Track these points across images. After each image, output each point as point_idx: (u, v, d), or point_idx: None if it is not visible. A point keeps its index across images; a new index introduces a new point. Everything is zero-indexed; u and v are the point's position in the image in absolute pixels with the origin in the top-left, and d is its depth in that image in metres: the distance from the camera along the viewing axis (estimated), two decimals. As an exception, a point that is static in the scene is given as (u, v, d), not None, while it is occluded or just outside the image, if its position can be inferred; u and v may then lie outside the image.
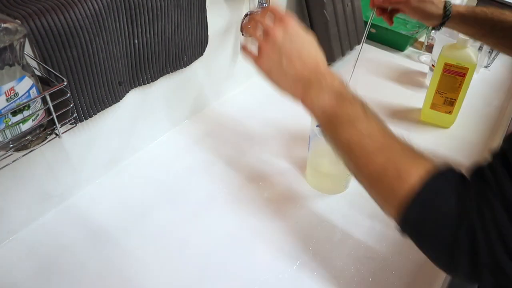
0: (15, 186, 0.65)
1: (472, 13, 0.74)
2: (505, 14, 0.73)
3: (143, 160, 0.85)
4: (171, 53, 0.79)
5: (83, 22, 0.59)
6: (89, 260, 0.66)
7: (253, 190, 0.79)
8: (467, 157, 0.89)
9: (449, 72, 0.89)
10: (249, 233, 0.72)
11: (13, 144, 0.53)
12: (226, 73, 1.01)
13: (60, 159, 0.71)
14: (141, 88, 0.79)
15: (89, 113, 0.69)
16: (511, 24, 0.72)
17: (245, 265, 0.67)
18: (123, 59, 0.71)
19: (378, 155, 0.47)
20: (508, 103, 1.07)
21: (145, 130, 0.86)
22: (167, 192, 0.78)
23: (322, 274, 0.66)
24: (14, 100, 0.49)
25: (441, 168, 0.45)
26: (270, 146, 0.90)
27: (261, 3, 0.92)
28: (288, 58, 0.54)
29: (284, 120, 0.97)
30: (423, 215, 0.42)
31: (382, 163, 0.46)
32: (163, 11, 0.72)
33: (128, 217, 0.73)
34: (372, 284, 0.65)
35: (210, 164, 0.85)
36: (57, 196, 0.73)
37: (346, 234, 0.72)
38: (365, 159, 0.48)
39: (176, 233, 0.71)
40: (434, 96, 0.94)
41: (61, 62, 0.60)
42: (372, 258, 0.68)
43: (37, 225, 0.71)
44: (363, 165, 0.48)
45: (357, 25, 1.21)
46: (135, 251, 0.68)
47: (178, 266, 0.66)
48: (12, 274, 0.64)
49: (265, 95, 1.06)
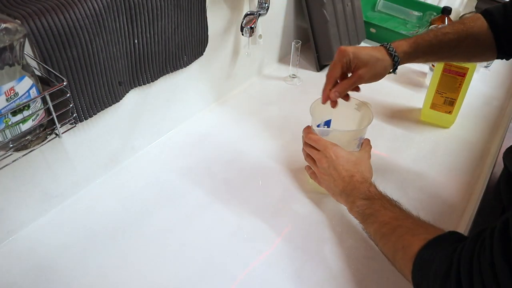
0: (15, 186, 0.65)
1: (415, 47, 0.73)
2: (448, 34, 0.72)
3: (143, 160, 0.85)
4: (171, 53, 0.79)
5: (83, 22, 0.59)
6: (89, 260, 0.66)
7: (253, 190, 0.79)
8: (467, 157, 0.89)
9: (449, 72, 0.89)
10: (248, 233, 0.72)
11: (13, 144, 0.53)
12: (226, 73, 1.01)
13: (60, 159, 0.71)
14: (141, 88, 0.79)
15: (89, 113, 0.69)
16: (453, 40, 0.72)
17: (244, 265, 0.67)
18: (123, 59, 0.71)
19: (391, 237, 0.58)
20: (508, 103, 1.07)
21: (145, 130, 0.86)
22: (167, 192, 0.78)
23: (322, 274, 0.66)
24: (14, 100, 0.49)
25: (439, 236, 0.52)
26: (270, 146, 0.90)
27: (261, 3, 0.93)
28: (332, 178, 0.70)
29: (284, 120, 0.97)
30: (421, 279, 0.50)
31: (394, 242, 0.57)
32: (163, 11, 0.72)
33: (128, 217, 0.73)
34: (372, 284, 0.65)
35: (210, 164, 0.85)
36: (57, 196, 0.73)
37: (346, 234, 0.72)
38: (383, 241, 0.60)
39: (175, 233, 0.71)
40: (434, 96, 0.94)
41: (61, 62, 0.60)
42: (372, 258, 0.68)
43: (37, 225, 0.71)
44: (383, 246, 0.60)
45: (357, 25, 1.21)
46: (135, 251, 0.68)
47: (177, 266, 0.66)
48: (12, 274, 0.64)
49: (265, 95, 1.06)
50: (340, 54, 0.71)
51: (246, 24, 0.89)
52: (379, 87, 1.09)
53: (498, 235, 0.41)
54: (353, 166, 0.70)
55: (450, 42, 0.72)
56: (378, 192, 0.67)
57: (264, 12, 0.92)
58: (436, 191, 0.80)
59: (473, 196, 0.80)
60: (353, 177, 0.69)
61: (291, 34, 1.19)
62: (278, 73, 1.15)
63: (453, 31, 0.72)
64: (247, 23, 0.90)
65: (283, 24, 1.13)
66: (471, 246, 0.45)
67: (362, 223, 0.66)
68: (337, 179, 0.70)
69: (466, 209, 0.77)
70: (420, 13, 1.36)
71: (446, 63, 0.88)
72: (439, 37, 0.72)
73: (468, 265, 0.43)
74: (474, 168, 0.86)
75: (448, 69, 0.89)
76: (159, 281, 0.64)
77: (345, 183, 0.69)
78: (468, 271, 0.43)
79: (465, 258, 0.44)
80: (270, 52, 1.14)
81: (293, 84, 1.11)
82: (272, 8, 0.95)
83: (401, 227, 0.58)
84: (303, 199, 0.78)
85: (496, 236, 0.41)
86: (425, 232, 0.54)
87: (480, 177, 0.84)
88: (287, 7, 1.11)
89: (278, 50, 1.17)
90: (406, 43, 0.73)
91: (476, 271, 0.42)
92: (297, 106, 1.01)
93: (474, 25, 0.72)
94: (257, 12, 0.91)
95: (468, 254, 0.44)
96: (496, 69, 1.20)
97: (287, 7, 1.11)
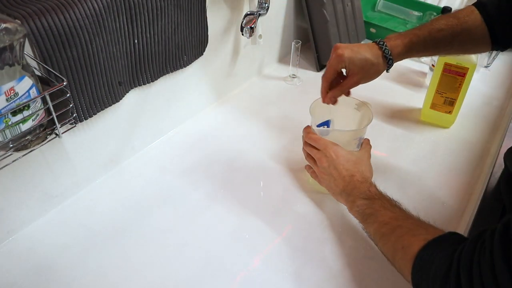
0: (15, 186, 0.65)
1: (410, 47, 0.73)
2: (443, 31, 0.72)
3: (143, 160, 0.85)
4: (171, 53, 0.79)
5: (83, 22, 0.59)
6: (88, 260, 0.66)
7: (253, 190, 0.79)
8: (467, 157, 0.89)
9: (449, 72, 0.89)
10: (249, 233, 0.72)
11: (13, 144, 0.53)
12: (226, 73, 1.01)
13: (60, 159, 0.71)
14: (141, 88, 0.79)
15: (89, 113, 0.69)
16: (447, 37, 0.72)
17: (245, 265, 0.67)
18: (123, 59, 0.71)
19: (391, 237, 0.58)
20: (508, 103, 1.07)
21: (145, 130, 0.86)
22: (167, 192, 0.78)
23: (322, 274, 0.66)
24: (14, 100, 0.49)
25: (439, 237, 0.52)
26: (270, 146, 0.90)
27: (261, 3, 0.93)
28: (333, 177, 0.71)
29: (284, 120, 0.97)
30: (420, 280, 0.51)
31: (393, 242, 0.57)
32: (163, 11, 0.72)
33: (127, 217, 0.73)
34: (372, 284, 0.65)
35: (210, 164, 0.85)
36: (57, 196, 0.73)
37: (346, 234, 0.72)
38: (383, 241, 0.60)
39: (175, 233, 0.71)
40: (434, 96, 0.94)
41: (61, 62, 0.60)
42: (372, 258, 0.68)
43: (37, 225, 0.71)
44: (383, 246, 0.60)
45: (357, 25, 1.22)
46: (135, 251, 0.68)
47: (177, 266, 0.66)
48: (12, 274, 0.64)
49: (265, 95, 1.06)
50: (336, 59, 0.72)
51: (246, 24, 0.89)
52: (379, 87, 1.09)
53: (498, 237, 0.41)
54: (353, 165, 0.70)
55: (444, 38, 0.72)
56: (378, 192, 0.67)
57: (264, 12, 0.92)
58: (436, 191, 0.80)
59: (473, 196, 0.80)
60: (353, 176, 0.69)
61: (291, 34, 1.19)
62: (278, 73, 1.15)
63: (447, 27, 0.72)
64: (247, 23, 0.90)
65: (283, 24, 1.13)
66: (471, 247, 0.45)
67: (362, 222, 0.66)
68: (337, 178, 0.70)
69: (466, 209, 0.77)
70: (420, 13, 1.36)
71: (446, 63, 0.88)
72: (433, 34, 0.72)
73: (468, 266, 0.43)
74: (474, 168, 0.86)
75: (448, 69, 0.89)
76: (159, 281, 0.64)
77: (345, 182, 0.69)
78: (467, 272, 0.43)
79: (465, 259, 0.44)
80: (270, 52, 1.14)
81: (293, 84, 1.11)
82: (272, 8, 0.95)
83: (401, 227, 0.58)
84: (303, 199, 0.78)
85: (496, 238, 0.41)
86: (425, 233, 0.54)
87: (480, 177, 0.84)
88: (287, 7, 1.11)
89: (278, 50, 1.17)
90: (401, 44, 0.73)
91: (476, 273, 0.42)
92: (297, 106, 1.01)
93: (468, 19, 0.72)
94: (257, 12, 0.91)
95: (468, 255, 0.44)
96: (496, 69, 1.20)
97: (287, 7, 1.11)
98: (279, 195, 0.79)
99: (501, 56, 1.24)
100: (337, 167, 0.70)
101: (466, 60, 0.86)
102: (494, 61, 1.22)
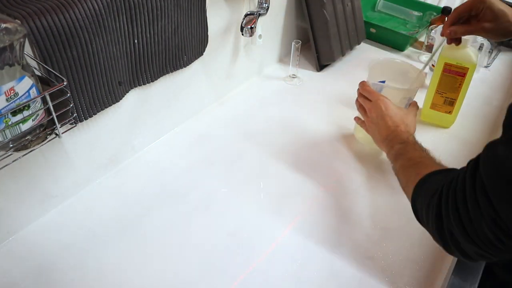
0: (15, 186, 0.65)
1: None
2: None
3: (143, 160, 0.85)
4: (171, 53, 0.79)
5: (83, 22, 0.59)
6: (88, 260, 0.66)
7: (253, 190, 0.79)
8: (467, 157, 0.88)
9: (449, 72, 0.89)
10: (248, 233, 0.72)
11: (13, 144, 0.53)
12: (226, 73, 1.01)
13: (60, 159, 0.71)
14: (141, 88, 0.79)
15: (89, 113, 0.69)
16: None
17: (245, 265, 0.67)
18: (123, 59, 0.71)
19: (410, 168, 0.64)
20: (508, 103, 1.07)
21: (145, 130, 0.86)
22: (167, 192, 0.78)
23: (322, 274, 0.66)
24: (14, 100, 0.49)
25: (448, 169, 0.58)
26: (270, 146, 0.90)
27: (261, 3, 0.93)
28: (378, 126, 0.77)
29: (284, 120, 0.97)
30: (417, 196, 0.58)
31: (410, 172, 0.63)
32: (163, 11, 0.72)
33: (127, 217, 0.73)
34: (372, 284, 0.65)
35: (210, 164, 0.85)
36: (57, 196, 0.73)
37: (346, 234, 0.72)
38: (403, 172, 0.67)
39: (176, 233, 0.71)
40: (434, 96, 0.94)
41: (61, 62, 0.60)
42: (372, 258, 0.68)
43: (37, 225, 0.71)
44: (402, 175, 0.67)
45: (357, 25, 1.21)
46: (135, 251, 0.68)
47: (177, 266, 0.66)
48: (12, 274, 0.64)
49: (265, 94, 1.06)
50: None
51: (246, 24, 0.89)
52: (379, 87, 1.09)
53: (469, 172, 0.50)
54: (400, 119, 0.76)
55: None
56: (415, 140, 0.72)
57: (264, 12, 0.92)
58: (436, 191, 0.80)
59: (473, 196, 0.80)
60: (398, 127, 0.74)
61: (291, 34, 1.19)
62: (278, 73, 1.15)
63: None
64: (247, 23, 0.90)
65: (283, 24, 1.13)
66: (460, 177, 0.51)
67: (393, 162, 0.71)
68: (382, 127, 0.76)
69: (466, 209, 0.77)
70: (420, 13, 1.36)
71: (446, 63, 0.88)
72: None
73: (448, 186, 0.51)
74: (474, 168, 0.86)
75: (448, 69, 0.89)
76: (159, 281, 0.64)
77: (389, 131, 0.74)
78: (447, 190, 0.51)
79: (448, 184, 0.52)
80: (270, 52, 1.14)
81: (293, 84, 1.11)
82: (272, 8, 0.95)
83: (422, 163, 0.63)
84: (303, 199, 0.78)
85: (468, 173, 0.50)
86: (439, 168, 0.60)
87: (480, 177, 0.84)
88: (287, 7, 1.11)
89: (278, 50, 1.17)
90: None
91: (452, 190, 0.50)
92: (297, 106, 1.01)
93: None
94: (257, 12, 0.91)
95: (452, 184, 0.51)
96: (496, 69, 1.20)
97: (287, 7, 1.11)
98: (279, 195, 0.79)
99: (501, 56, 1.24)
100: (385, 118, 0.75)
101: (466, 60, 0.86)
102: (494, 61, 1.22)
